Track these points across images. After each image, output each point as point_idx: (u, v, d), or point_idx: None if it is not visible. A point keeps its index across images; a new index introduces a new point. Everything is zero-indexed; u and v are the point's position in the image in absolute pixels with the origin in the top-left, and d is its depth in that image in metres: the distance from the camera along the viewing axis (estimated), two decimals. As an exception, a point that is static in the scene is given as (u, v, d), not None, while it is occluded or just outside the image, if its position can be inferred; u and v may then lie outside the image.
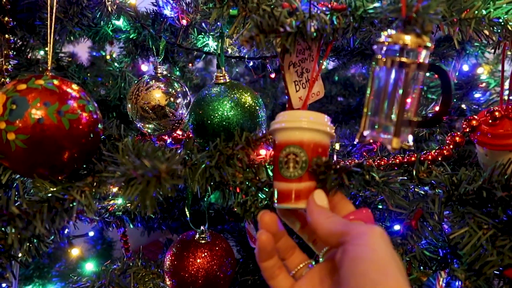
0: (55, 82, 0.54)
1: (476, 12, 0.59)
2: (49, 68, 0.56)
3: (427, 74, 1.17)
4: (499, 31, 0.60)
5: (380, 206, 1.06)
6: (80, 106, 0.54)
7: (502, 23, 0.59)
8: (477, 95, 1.05)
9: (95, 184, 0.57)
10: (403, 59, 0.48)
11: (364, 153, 0.97)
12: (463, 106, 1.03)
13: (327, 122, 0.53)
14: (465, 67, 1.11)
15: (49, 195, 0.53)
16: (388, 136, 0.51)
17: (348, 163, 0.58)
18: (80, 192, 0.55)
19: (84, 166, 0.61)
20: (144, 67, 1.30)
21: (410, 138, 0.53)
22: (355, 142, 1.02)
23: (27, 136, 0.50)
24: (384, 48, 0.49)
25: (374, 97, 0.52)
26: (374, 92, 0.52)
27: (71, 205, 0.53)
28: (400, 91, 0.49)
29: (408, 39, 0.48)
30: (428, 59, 0.52)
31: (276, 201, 0.52)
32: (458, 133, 0.69)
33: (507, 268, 0.51)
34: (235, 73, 1.37)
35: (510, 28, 0.59)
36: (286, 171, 0.51)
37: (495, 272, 0.55)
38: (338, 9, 0.60)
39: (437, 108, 1.04)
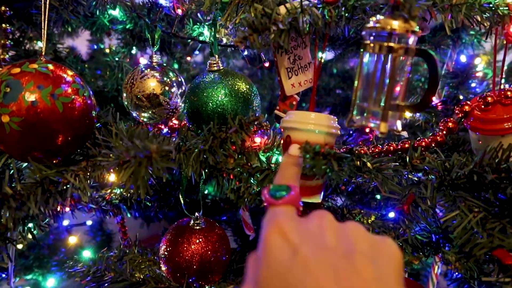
0: (49, 66, 0.55)
1: (467, -3, 0.60)
2: (43, 53, 0.57)
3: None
4: (490, 16, 0.61)
5: (378, 197, 1.07)
6: (74, 90, 0.55)
7: (493, 8, 0.60)
8: (474, 85, 1.05)
9: (89, 168, 0.58)
10: (391, 44, 0.49)
11: (360, 142, 0.98)
12: (460, 96, 1.03)
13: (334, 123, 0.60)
14: (463, 58, 1.11)
15: (44, 178, 0.54)
16: (377, 122, 0.51)
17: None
18: (74, 175, 0.56)
19: (79, 151, 0.62)
20: (143, 60, 1.30)
21: (399, 123, 0.54)
22: (350, 132, 1.02)
23: (21, 118, 0.51)
24: (373, 34, 0.50)
25: (363, 83, 0.52)
26: (363, 78, 0.52)
27: (64, 187, 0.54)
28: (388, 76, 0.49)
29: (395, 24, 0.48)
30: (418, 45, 0.53)
31: None
32: (451, 118, 0.69)
33: (495, 249, 0.51)
34: (234, 66, 1.38)
35: (500, 13, 0.59)
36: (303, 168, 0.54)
37: (485, 255, 0.56)
38: (330, 2, 0.60)
39: (434, 98, 1.04)
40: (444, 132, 0.69)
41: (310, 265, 0.31)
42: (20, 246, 1.06)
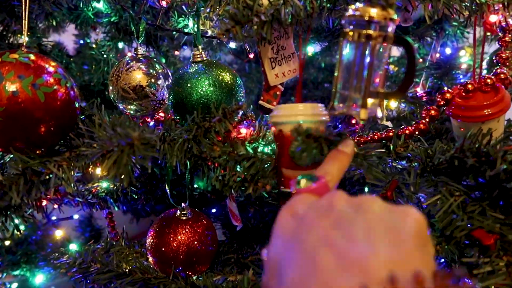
0: (31, 56, 0.54)
1: (445, -15, 0.61)
2: (24, 43, 0.57)
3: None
4: (468, 5, 0.62)
5: (366, 189, 1.08)
6: (56, 80, 0.55)
7: (471, -3, 0.61)
8: (458, 76, 1.06)
9: (73, 158, 0.58)
10: (370, 32, 0.49)
11: (347, 134, 0.99)
12: (445, 87, 1.04)
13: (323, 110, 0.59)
14: (448, 50, 1.13)
15: (26, 168, 0.53)
16: (357, 109, 0.52)
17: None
18: (57, 166, 0.56)
19: (63, 142, 0.62)
20: (130, 55, 1.30)
21: (379, 111, 0.55)
22: (337, 124, 1.03)
23: (2, 108, 0.50)
24: (352, 22, 0.51)
25: (343, 70, 0.53)
26: (343, 66, 0.53)
27: (47, 177, 0.54)
28: (367, 63, 0.50)
29: (374, 11, 0.49)
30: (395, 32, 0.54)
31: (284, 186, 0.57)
32: (433, 106, 0.70)
33: (475, 230, 0.52)
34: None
35: (478, 1, 0.60)
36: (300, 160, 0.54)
37: (466, 240, 0.57)
38: None
39: (418, 89, 1.05)
40: (427, 120, 0.70)
41: (314, 225, 0.30)
42: (7, 243, 1.06)
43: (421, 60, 1.20)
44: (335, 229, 0.29)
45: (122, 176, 0.51)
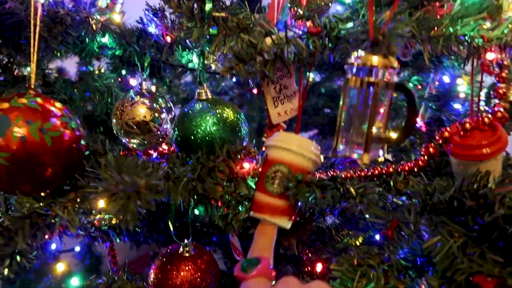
0: (38, 100, 0.55)
1: (444, 30, 0.62)
2: (32, 86, 0.58)
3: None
4: (466, 47, 0.63)
5: (367, 215, 1.09)
6: (62, 123, 0.56)
7: (469, 40, 0.62)
8: (456, 106, 1.08)
9: (78, 199, 0.59)
10: (371, 79, 0.51)
11: (348, 164, 1.00)
12: (443, 117, 1.06)
13: (316, 151, 0.59)
14: (446, 79, 1.15)
15: (31, 211, 0.54)
16: (360, 152, 0.53)
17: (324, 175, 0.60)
18: (62, 208, 0.56)
19: (67, 181, 0.62)
20: (133, 81, 1.31)
21: (381, 152, 0.56)
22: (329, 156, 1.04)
23: (8, 153, 0.51)
24: (354, 68, 0.52)
25: (346, 114, 0.54)
26: (346, 109, 0.55)
27: (53, 220, 0.54)
28: (369, 109, 0.51)
29: (375, 60, 0.51)
30: (396, 78, 0.55)
31: (253, 209, 0.58)
32: (432, 144, 0.71)
33: (474, 275, 0.53)
34: (222, 86, 1.39)
35: (475, 45, 0.62)
36: (270, 186, 0.54)
37: (468, 282, 0.57)
38: (314, 32, 0.62)
39: (418, 120, 1.07)
40: (426, 157, 0.71)
41: None
42: (5, 272, 1.05)
43: (419, 86, 1.22)
44: None
45: (128, 218, 0.52)
